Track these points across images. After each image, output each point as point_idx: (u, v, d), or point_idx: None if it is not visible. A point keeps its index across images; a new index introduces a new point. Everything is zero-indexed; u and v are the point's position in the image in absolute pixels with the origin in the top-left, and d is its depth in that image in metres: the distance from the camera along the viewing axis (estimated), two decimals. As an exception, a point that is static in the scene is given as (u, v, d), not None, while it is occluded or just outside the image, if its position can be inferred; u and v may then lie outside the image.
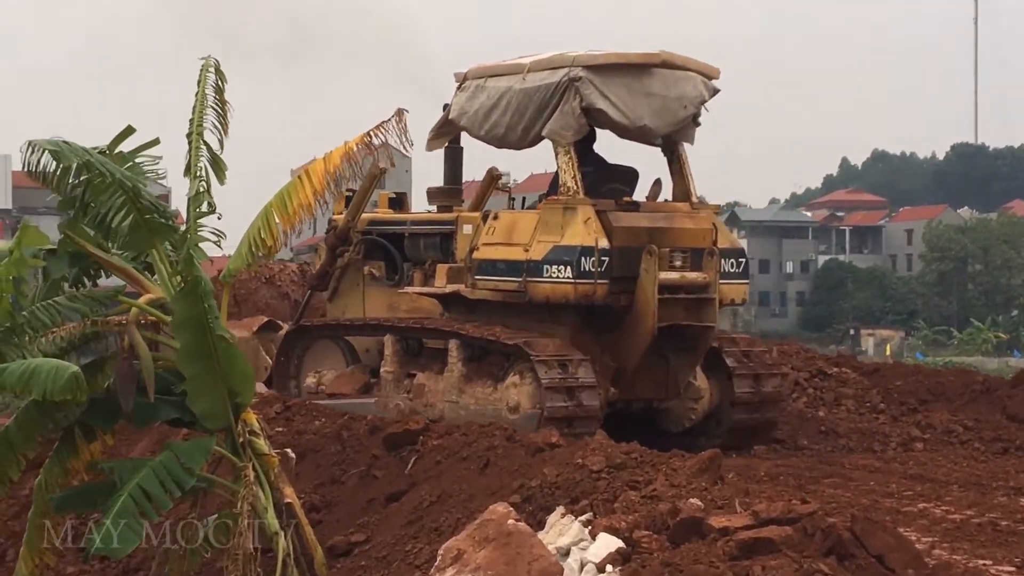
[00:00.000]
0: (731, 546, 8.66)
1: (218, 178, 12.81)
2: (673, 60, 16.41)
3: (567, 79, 15.91)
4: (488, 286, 16.23)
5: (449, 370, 16.33)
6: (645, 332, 15.57)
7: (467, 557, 9.20)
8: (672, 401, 16.55)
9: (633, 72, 16.17)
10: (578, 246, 15.39)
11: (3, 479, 12.13)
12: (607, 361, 15.93)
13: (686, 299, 15.83)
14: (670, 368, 16.27)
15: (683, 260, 15.84)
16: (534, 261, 15.69)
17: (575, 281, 15.34)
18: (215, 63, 12.94)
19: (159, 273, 12.31)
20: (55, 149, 11.70)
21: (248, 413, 12.17)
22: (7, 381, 11.07)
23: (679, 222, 16.19)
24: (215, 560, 12.70)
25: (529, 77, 16.34)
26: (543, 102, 16.12)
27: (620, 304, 15.65)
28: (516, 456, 12.73)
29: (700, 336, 16.09)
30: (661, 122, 16.37)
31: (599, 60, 16.05)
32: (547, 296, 15.66)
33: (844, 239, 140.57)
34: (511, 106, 16.47)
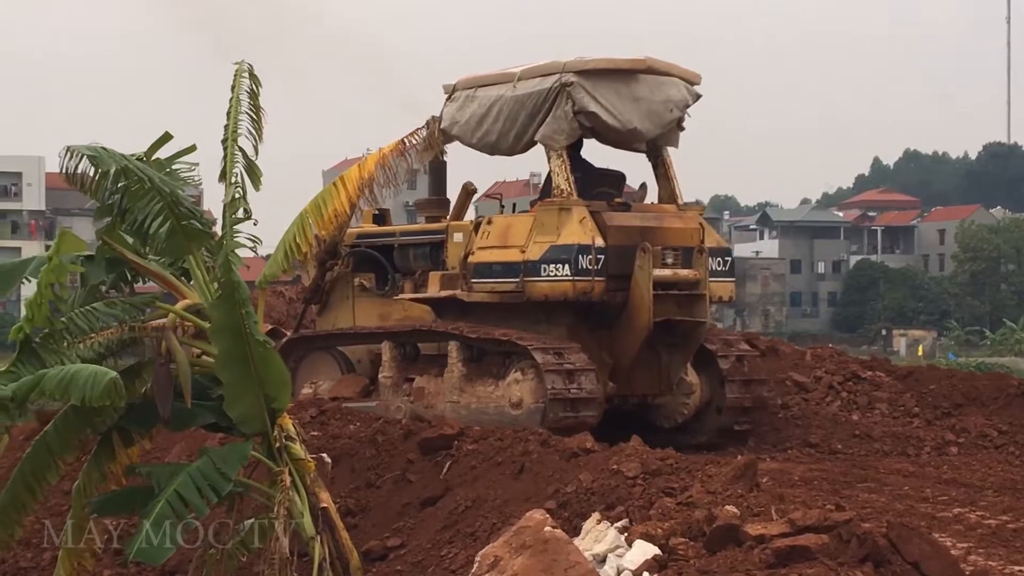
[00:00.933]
0: (767, 554, 8.68)
1: (253, 184, 12.86)
2: (658, 66, 17.09)
3: (559, 84, 16.52)
4: (485, 288, 16.70)
5: (449, 371, 16.76)
6: (641, 327, 16.14)
7: (503, 564, 9.22)
8: (665, 397, 17.10)
9: (621, 77, 16.80)
10: (575, 244, 15.95)
11: (41, 483, 12.20)
12: (604, 357, 16.43)
13: (678, 295, 16.45)
14: (663, 364, 16.84)
15: (674, 258, 16.51)
16: (531, 261, 16.20)
17: (573, 279, 15.92)
18: (249, 68, 12.97)
19: (196, 279, 12.37)
20: (93, 155, 11.78)
21: (284, 418, 12.23)
22: (47, 387, 11.14)
23: (669, 222, 16.85)
24: (251, 564, 12.77)
25: (520, 85, 16.91)
26: (535, 108, 16.70)
27: (616, 301, 16.22)
28: (551, 461, 12.76)
29: (692, 332, 16.68)
30: (650, 124, 16.99)
31: (589, 66, 16.66)
32: (546, 294, 16.19)
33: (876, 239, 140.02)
34: (503, 113, 17.02)
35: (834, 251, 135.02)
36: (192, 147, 13.14)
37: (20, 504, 12.19)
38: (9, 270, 13.26)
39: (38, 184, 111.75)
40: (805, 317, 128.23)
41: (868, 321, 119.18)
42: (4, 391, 11.32)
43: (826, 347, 22.50)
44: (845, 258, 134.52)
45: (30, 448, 12.27)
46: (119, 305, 12.38)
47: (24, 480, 12.15)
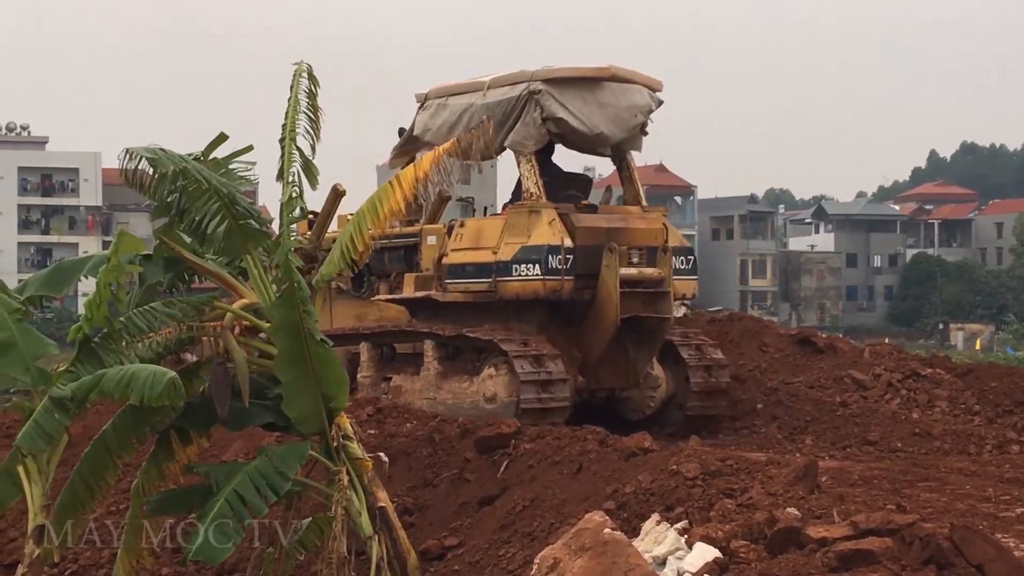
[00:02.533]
0: (830, 557, 8.61)
1: (310, 183, 12.87)
2: (621, 73, 17.77)
3: (527, 92, 17.27)
4: (459, 288, 17.35)
5: (425, 369, 17.44)
6: (608, 324, 16.84)
7: (563, 566, 9.18)
8: (632, 390, 17.76)
9: (587, 85, 17.51)
10: (545, 245, 16.64)
11: (100, 481, 12.26)
12: (574, 352, 17.11)
13: (644, 293, 17.15)
14: (629, 358, 17.54)
15: (639, 257, 17.20)
16: (503, 262, 16.88)
17: (544, 278, 16.63)
18: (308, 68, 12.98)
19: (253, 278, 12.39)
20: (152, 156, 11.83)
21: (342, 417, 12.23)
22: (106, 386, 11.19)
23: (633, 223, 17.54)
24: (309, 563, 12.78)
25: (489, 93, 17.71)
26: (505, 115, 17.37)
27: (584, 298, 16.92)
28: (609, 461, 12.70)
29: (657, 327, 17.38)
30: (615, 129, 17.67)
31: (556, 74, 17.40)
32: (517, 293, 16.88)
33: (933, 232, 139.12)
34: (474, 121, 17.43)
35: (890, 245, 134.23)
36: (249, 147, 13.18)
37: (79, 502, 12.26)
38: (67, 268, 13.35)
39: (95, 180, 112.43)
40: (861, 311, 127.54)
41: (925, 315, 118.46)
42: (64, 391, 11.39)
43: (885, 344, 22.34)
44: (901, 252, 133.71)
45: (89, 447, 12.33)
46: (177, 304, 12.41)
47: (83, 479, 12.23)
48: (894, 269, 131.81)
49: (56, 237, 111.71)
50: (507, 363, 16.42)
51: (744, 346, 21.06)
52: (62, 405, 11.37)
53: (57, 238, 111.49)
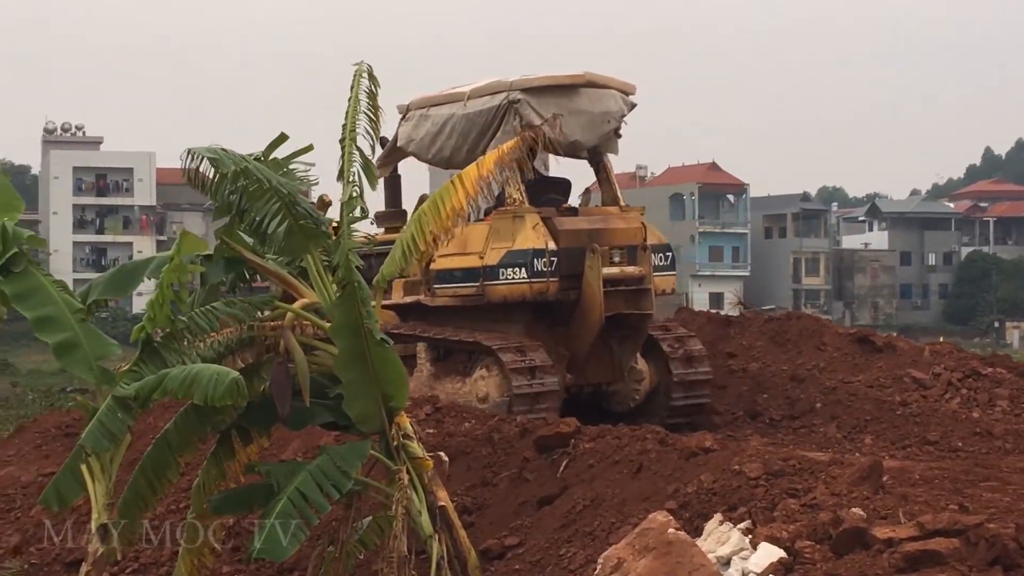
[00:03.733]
0: (897, 558, 8.56)
1: (370, 183, 12.89)
2: (596, 79, 18.27)
3: (507, 102, 17.82)
4: (447, 293, 17.83)
5: (418, 371, 17.85)
6: (593, 321, 17.36)
7: (627, 566, 9.17)
8: (618, 384, 18.36)
9: (563, 92, 18.05)
10: (530, 249, 17.19)
11: (162, 480, 12.33)
12: (561, 351, 17.60)
13: (626, 291, 17.73)
14: (614, 354, 18.08)
15: (620, 256, 17.74)
16: (490, 266, 17.37)
17: (530, 280, 17.18)
18: (368, 68, 13.00)
19: (313, 278, 12.42)
20: (214, 157, 11.87)
21: (402, 416, 12.25)
22: (169, 386, 11.25)
23: (613, 223, 18.07)
24: (369, 562, 12.81)
25: (470, 103, 18.26)
26: (485, 124, 17.98)
27: (569, 299, 17.47)
28: (669, 460, 12.67)
29: (640, 323, 17.97)
30: (589, 135, 18.23)
31: (534, 83, 17.95)
32: (504, 296, 17.38)
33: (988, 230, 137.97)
34: (456, 130, 18.33)
35: (945, 242, 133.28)
36: (309, 147, 13.20)
37: (142, 501, 12.33)
38: (130, 270, 13.42)
39: (149, 180, 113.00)
40: (915, 310, 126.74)
41: (980, 313, 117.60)
42: (127, 390, 11.46)
43: (944, 343, 22.21)
44: (956, 249, 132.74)
45: (151, 446, 12.40)
46: (238, 304, 12.46)
47: (146, 477, 12.30)
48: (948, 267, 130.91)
49: (110, 237, 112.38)
50: (498, 364, 16.96)
51: (802, 345, 20.98)
52: (125, 404, 11.44)
53: (111, 238, 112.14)
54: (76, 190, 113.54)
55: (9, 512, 17.27)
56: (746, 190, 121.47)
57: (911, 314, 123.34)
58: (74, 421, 19.17)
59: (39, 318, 12.37)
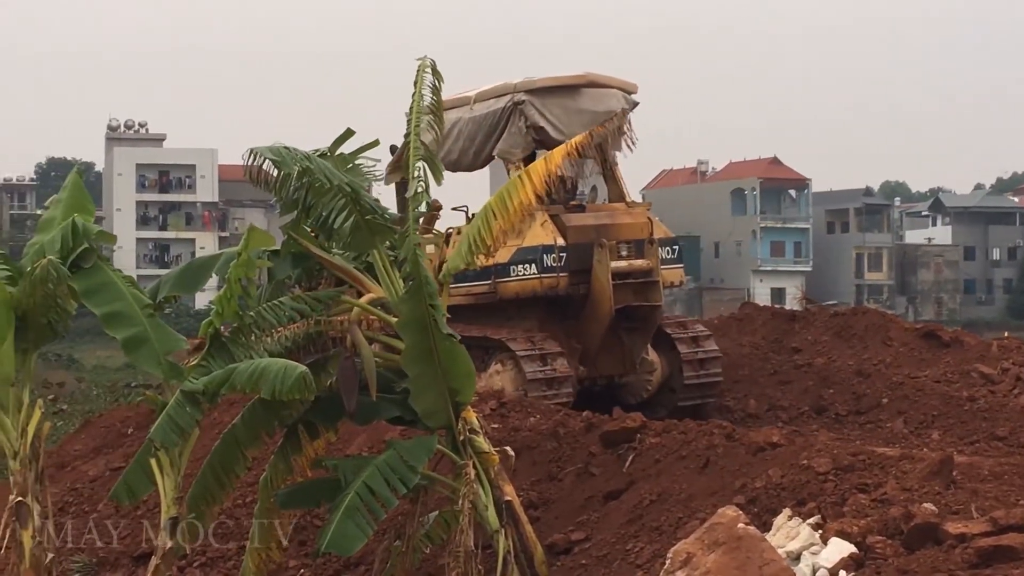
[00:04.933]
0: (969, 553, 8.48)
1: (435, 177, 12.91)
2: (597, 79, 18.69)
3: (511, 104, 18.24)
4: (460, 292, 17.81)
5: None
6: (603, 315, 17.68)
7: (696, 560, 9.13)
8: (630, 376, 18.59)
9: (566, 92, 18.49)
10: (539, 246, 17.59)
11: (230, 475, 12.37)
12: (573, 344, 17.91)
13: (634, 283, 18.06)
14: (624, 346, 18.31)
15: (628, 250, 18.07)
16: (501, 264, 17.57)
17: (540, 276, 17.60)
18: (431, 63, 13.01)
19: (379, 273, 12.44)
20: (276, 158, 11.88)
21: (468, 411, 12.25)
22: (237, 380, 11.30)
23: (620, 218, 18.37)
24: (436, 557, 12.83)
25: (476, 107, 18.68)
26: (492, 126, 18.41)
27: (579, 293, 17.81)
28: (737, 455, 12.62)
29: (649, 315, 18.26)
30: None
31: (537, 84, 18.38)
32: (516, 292, 17.75)
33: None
34: (463, 134, 18.72)
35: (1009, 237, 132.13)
36: (375, 142, 13.24)
37: (210, 495, 12.38)
38: (199, 266, 13.50)
39: (211, 176, 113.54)
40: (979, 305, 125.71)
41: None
42: (195, 385, 11.51)
43: (1011, 338, 22.01)
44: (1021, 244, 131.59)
45: (219, 441, 12.45)
46: (305, 299, 12.50)
47: (214, 472, 12.35)
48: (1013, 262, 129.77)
49: (173, 233, 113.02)
50: (511, 356, 17.32)
51: (868, 340, 20.88)
52: (194, 399, 11.50)
53: (174, 234, 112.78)
54: (139, 187, 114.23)
55: (78, 506, 17.39)
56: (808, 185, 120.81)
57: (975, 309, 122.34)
58: (140, 416, 19.30)
59: (108, 314, 12.47)
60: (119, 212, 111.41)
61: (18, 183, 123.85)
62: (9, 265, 13.17)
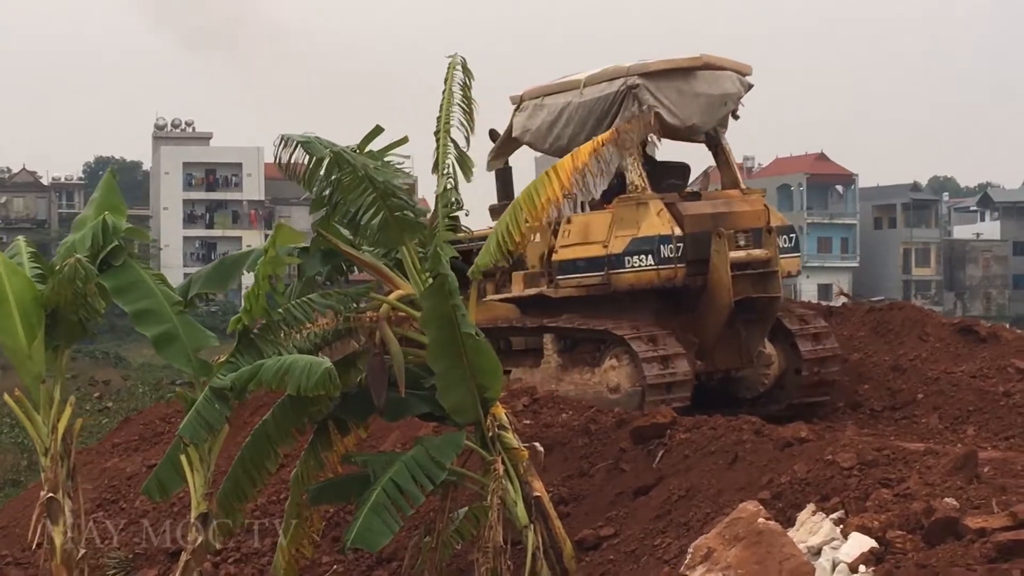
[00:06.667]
0: (988, 548, 8.46)
1: (464, 175, 12.97)
2: (713, 61, 17.97)
3: (625, 87, 17.54)
4: (571, 284, 17.51)
5: (546, 362, 17.63)
6: (722, 307, 17.05)
7: (717, 555, 9.15)
8: (747, 370, 17.95)
9: (681, 75, 17.77)
10: (656, 236, 16.89)
11: (261, 471, 12.46)
12: (689, 338, 17.29)
13: (752, 274, 17.35)
14: (742, 339, 17.65)
15: (746, 240, 17.37)
16: (615, 254, 17.08)
17: (658, 267, 16.89)
18: (462, 60, 13.06)
19: (408, 269, 12.50)
20: (306, 143, 11.98)
21: (497, 407, 12.31)
22: (264, 377, 11.40)
23: (737, 206, 17.67)
24: (465, 552, 12.88)
25: (586, 91, 17.98)
26: (604, 111, 17.68)
27: (696, 284, 17.12)
28: (764, 450, 12.62)
29: (768, 306, 17.54)
30: (707, 119, 17.91)
31: (652, 67, 17.67)
32: (631, 284, 17.08)
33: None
34: (573, 118, 18.04)
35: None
36: (404, 139, 13.25)
37: (241, 492, 12.48)
38: (230, 264, 13.61)
39: (257, 174, 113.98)
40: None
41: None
42: (224, 381, 11.61)
43: (1051, 332, 21.85)
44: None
45: (250, 437, 12.54)
46: (334, 296, 12.57)
47: (244, 468, 12.44)
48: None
49: (220, 231, 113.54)
50: (629, 353, 16.74)
51: (904, 335, 20.75)
52: (222, 395, 11.60)
53: (221, 232, 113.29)
54: (186, 185, 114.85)
55: (115, 503, 17.54)
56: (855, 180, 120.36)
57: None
58: (177, 413, 19.43)
59: (138, 311, 12.59)
60: (166, 211, 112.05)
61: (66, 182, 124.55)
62: (40, 263, 13.32)
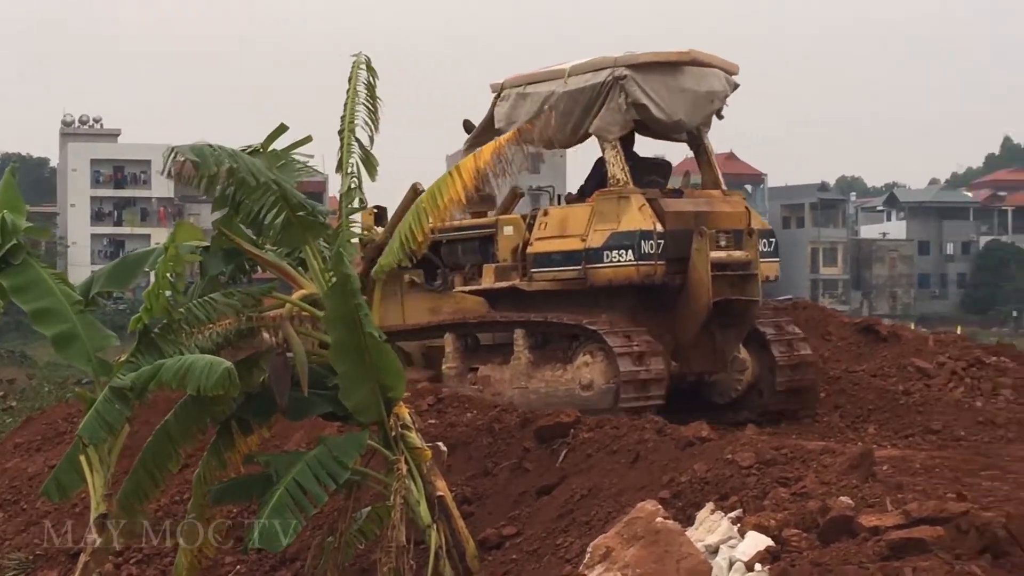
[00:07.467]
0: (881, 546, 8.57)
1: (369, 174, 12.94)
2: (701, 57, 17.59)
3: (612, 78, 17.11)
4: (546, 277, 17.14)
5: (516, 358, 17.22)
6: (701, 307, 16.68)
7: (616, 555, 9.21)
8: (720, 374, 17.59)
9: (668, 69, 17.38)
10: (637, 231, 16.46)
11: (163, 471, 12.40)
12: (666, 337, 16.94)
13: (732, 276, 17.01)
14: (717, 343, 17.31)
15: (727, 240, 17.05)
16: (593, 249, 16.68)
17: (637, 263, 16.46)
18: (366, 60, 13.04)
19: (311, 269, 12.46)
20: (197, 159, 11.80)
21: (400, 407, 12.30)
22: (164, 376, 11.33)
23: (719, 206, 17.39)
24: (368, 552, 12.87)
25: (571, 80, 17.52)
26: (589, 102, 17.25)
27: (675, 283, 16.72)
28: (666, 450, 12.69)
29: (746, 310, 17.17)
30: (694, 116, 17.57)
31: (640, 59, 17.22)
32: (609, 280, 16.67)
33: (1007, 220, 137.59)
34: (557, 108, 17.54)
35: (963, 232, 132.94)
36: (308, 138, 13.21)
37: (143, 492, 12.40)
38: (132, 262, 13.51)
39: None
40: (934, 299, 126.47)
41: (999, 303, 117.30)
42: (124, 381, 11.52)
43: (950, 333, 22.17)
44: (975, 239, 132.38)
45: (152, 437, 12.46)
46: (237, 295, 12.50)
47: (146, 468, 12.38)
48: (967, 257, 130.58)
49: (128, 229, 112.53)
50: (603, 350, 16.38)
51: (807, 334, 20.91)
52: (122, 395, 11.51)
53: (129, 230, 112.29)
54: (94, 182, 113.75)
55: (16, 503, 17.37)
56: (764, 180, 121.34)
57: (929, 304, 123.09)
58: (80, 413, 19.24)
59: (37, 310, 12.46)
60: (73, 208, 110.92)
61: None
62: (-63, 263, 13.11)
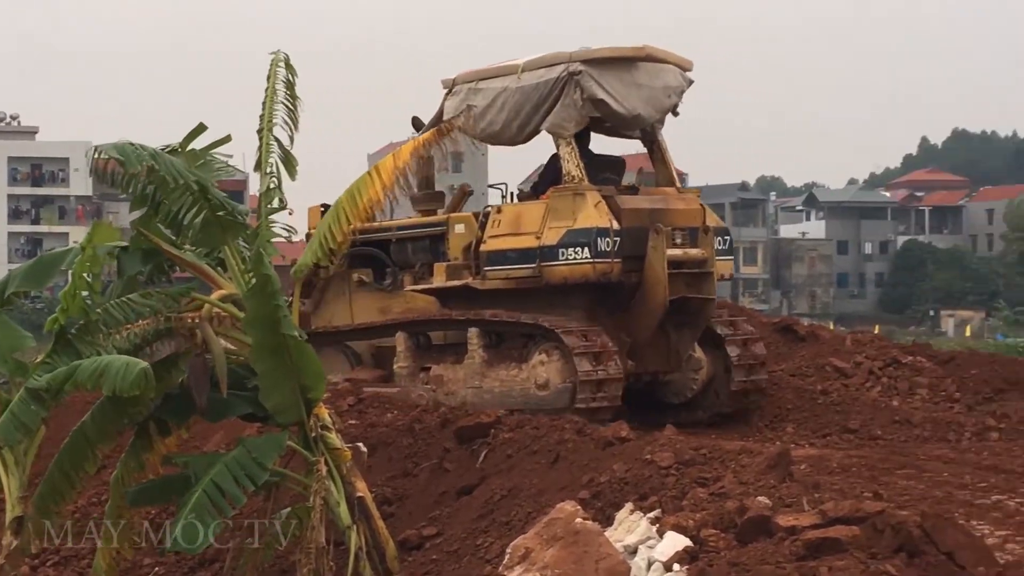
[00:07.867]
0: (798, 546, 8.61)
1: (289, 174, 12.87)
2: (656, 53, 17.52)
3: (567, 73, 16.94)
4: (500, 276, 17.03)
5: (470, 357, 17.09)
6: (657, 305, 16.59)
7: (535, 556, 9.21)
8: (675, 374, 17.51)
9: (624, 65, 17.24)
10: (593, 228, 16.33)
11: (80, 473, 12.27)
12: (621, 336, 16.82)
13: (687, 274, 16.90)
14: (671, 342, 17.29)
15: (682, 238, 16.96)
16: (548, 246, 16.54)
17: (593, 261, 16.31)
18: (285, 57, 12.98)
19: (231, 269, 12.40)
20: (120, 157, 11.76)
21: (320, 408, 12.25)
22: (80, 377, 11.22)
23: (674, 204, 17.35)
24: (288, 554, 12.81)
25: (524, 76, 17.37)
26: (542, 98, 17.13)
27: (631, 281, 16.61)
28: (586, 450, 12.72)
29: (701, 308, 17.13)
30: (651, 111, 17.53)
31: (595, 55, 17.11)
32: (565, 278, 16.53)
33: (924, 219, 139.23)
34: (508, 105, 17.45)
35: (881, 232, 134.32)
36: (227, 137, 13.15)
37: (59, 494, 12.27)
38: (49, 261, 13.37)
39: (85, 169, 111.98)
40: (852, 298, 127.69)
41: (916, 302, 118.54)
42: (39, 382, 11.42)
43: (867, 332, 22.43)
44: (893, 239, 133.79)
45: (68, 438, 12.35)
46: (155, 296, 12.42)
47: (62, 470, 12.24)
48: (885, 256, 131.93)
49: (46, 227, 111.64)
50: (559, 349, 16.23)
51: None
52: (38, 396, 11.40)
53: (47, 228, 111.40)
54: (11, 180, 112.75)
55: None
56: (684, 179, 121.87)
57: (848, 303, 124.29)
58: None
59: (-51, 310, 12.33)
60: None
61: None
62: None
